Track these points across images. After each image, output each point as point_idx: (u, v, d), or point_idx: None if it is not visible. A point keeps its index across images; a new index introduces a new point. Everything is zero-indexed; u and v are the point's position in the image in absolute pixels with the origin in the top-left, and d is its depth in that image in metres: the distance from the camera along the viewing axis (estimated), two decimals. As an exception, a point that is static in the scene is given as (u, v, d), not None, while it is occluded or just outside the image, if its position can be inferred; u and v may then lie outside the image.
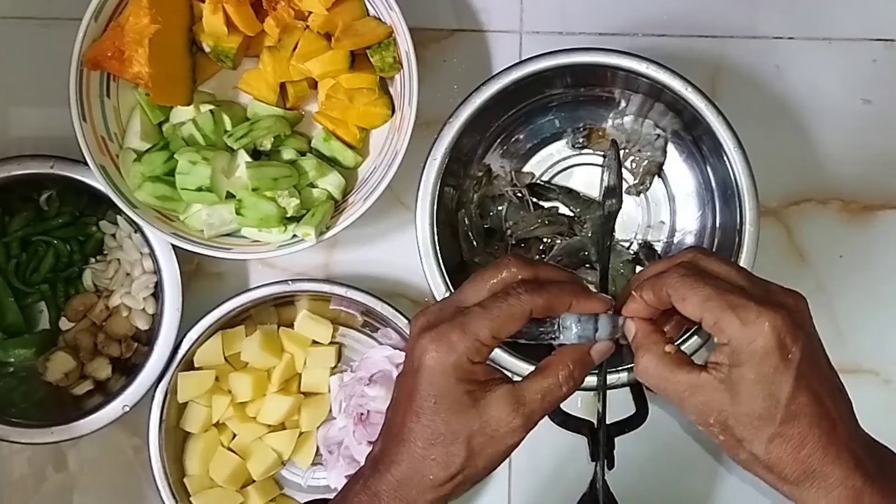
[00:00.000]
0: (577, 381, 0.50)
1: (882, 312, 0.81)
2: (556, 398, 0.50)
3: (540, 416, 0.49)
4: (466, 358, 0.47)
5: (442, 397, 0.47)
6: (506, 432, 0.48)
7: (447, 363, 0.47)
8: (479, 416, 0.47)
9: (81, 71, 0.72)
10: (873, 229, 0.81)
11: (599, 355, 0.52)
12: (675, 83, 0.69)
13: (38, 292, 0.81)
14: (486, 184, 0.78)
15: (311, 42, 0.74)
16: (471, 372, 0.48)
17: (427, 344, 0.48)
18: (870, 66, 0.81)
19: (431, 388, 0.47)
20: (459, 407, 0.47)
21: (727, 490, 0.82)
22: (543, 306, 0.49)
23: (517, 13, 0.82)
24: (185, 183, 0.72)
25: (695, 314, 0.49)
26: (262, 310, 0.81)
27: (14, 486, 0.83)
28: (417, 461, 0.48)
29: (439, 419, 0.47)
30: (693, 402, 0.49)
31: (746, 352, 0.47)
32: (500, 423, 0.48)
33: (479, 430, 0.47)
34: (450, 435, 0.47)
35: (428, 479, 0.48)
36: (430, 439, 0.48)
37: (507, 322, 0.48)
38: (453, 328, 0.48)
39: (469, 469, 0.48)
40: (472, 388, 0.48)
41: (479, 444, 0.48)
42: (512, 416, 0.48)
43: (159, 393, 0.76)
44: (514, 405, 0.48)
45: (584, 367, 0.51)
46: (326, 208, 0.74)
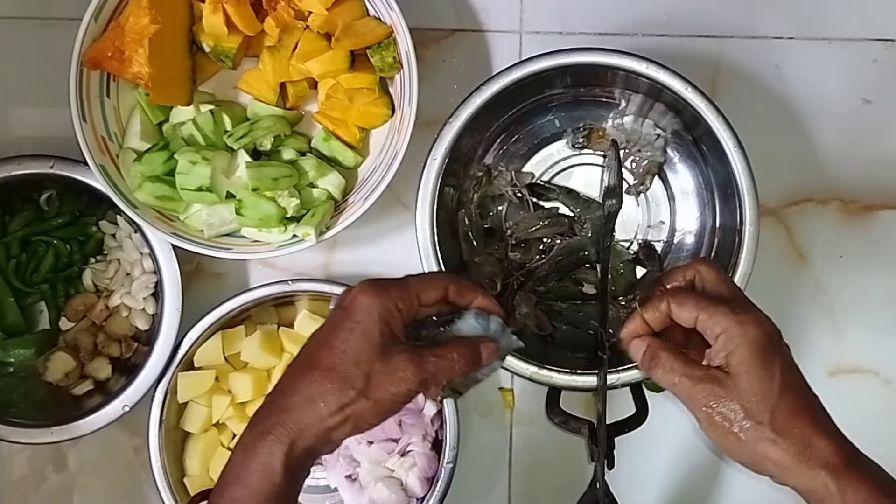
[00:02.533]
0: (461, 366, 0.55)
1: (882, 312, 0.81)
2: (444, 367, 0.54)
3: (429, 375, 0.53)
4: (393, 301, 0.53)
5: (360, 327, 0.52)
6: (400, 377, 0.52)
7: (376, 300, 0.53)
8: (384, 356, 0.52)
9: (81, 71, 0.72)
10: (873, 229, 0.81)
11: (486, 352, 0.57)
12: (675, 83, 0.69)
13: (38, 292, 0.81)
14: (486, 184, 0.78)
15: (311, 42, 0.74)
16: (391, 314, 0.53)
17: (364, 286, 0.54)
18: (870, 66, 0.81)
19: (355, 319, 0.52)
20: (372, 340, 0.52)
21: (727, 490, 0.82)
22: (456, 289, 0.58)
23: (517, 13, 0.82)
24: (185, 183, 0.72)
25: (691, 315, 0.56)
26: (262, 310, 0.81)
27: (14, 486, 0.83)
28: (315, 388, 0.51)
29: (352, 345, 0.52)
30: (696, 395, 0.55)
31: (738, 337, 0.54)
32: (397, 368, 0.52)
33: (381, 368, 0.51)
34: (355, 362, 0.51)
35: (319, 407, 0.51)
36: (334, 366, 0.51)
37: (431, 286, 0.56)
38: (389, 281, 0.55)
39: (360, 402, 0.51)
40: (386, 332, 0.52)
41: (376, 380, 0.51)
42: (410, 365, 0.52)
43: (159, 393, 0.76)
44: (413, 358, 0.53)
45: (470, 357, 0.56)
46: (326, 208, 0.74)
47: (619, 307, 0.77)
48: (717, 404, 0.54)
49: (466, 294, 0.59)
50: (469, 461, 0.80)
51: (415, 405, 0.77)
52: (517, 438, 0.82)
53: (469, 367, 0.56)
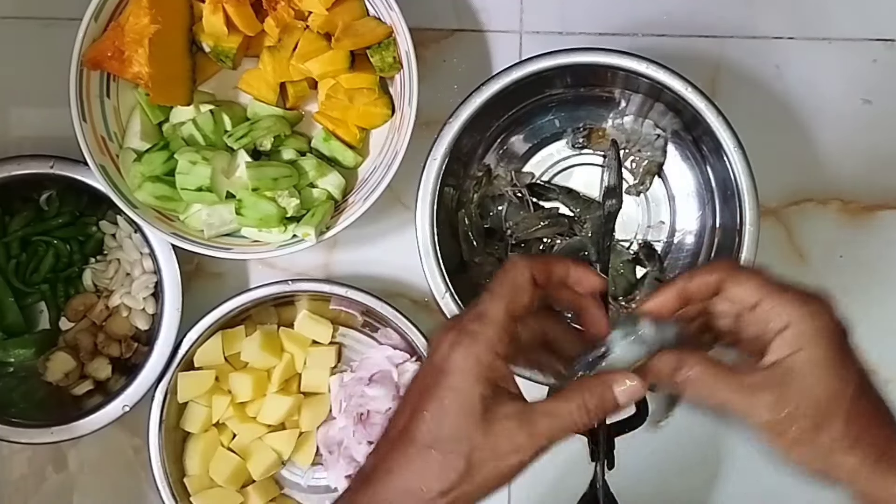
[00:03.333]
0: (590, 412, 0.47)
1: (882, 312, 0.81)
2: (566, 425, 0.46)
3: (546, 440, 0.46)
4: (489, 348, 0.45)
5: (456, 396, 0.45)
6: (508, 450, 0.45)
7: (472, 356, 0.45)
8: (485, 426, 0.45)
9: (81, 71, 0.72)
10: (873, 229, 0.81)
11: (624, 395, 0.47)
12: (675, 83, 0.69)
13: (38, 292, 0.81)
14: (486, 184, 0.78)
15: (311, 42, 0.74)
16: (492, 369, 0.45)
17: (453, 338, 0.46)
18: (870, 66, 0.81)
19: (450, 385, 0.45)
20: (470, 411, 0.45)
21: (727, 490, 0.82)
22: (541, 268, 0.48)
23: (517, 13, 0.82)
24: (185, 183, 0.72)
25: (751, 296, 0.48)
26: (262, 310, 0.81)
27: (14, 486, 0.83)
28: (412, 470, 0.45)
29: (447, 421, 0.45)
30: (757, 404, 0.47)
31: (810, 331, 0.47)
32: (504, 439, 0.45)
33: (483, 444, 0.45)
34: (453, 441, 0.45)
35: (419, 492, 0.45)
36: (431, 444, 0.45)
37: (514, 293, 0.47)
38: (469, 318, 0.46)
39: (465, 485, 0.45)
40: (488, 394, 0.45)
41: (479, 459, 0.45)
42: (517, 433, 0.45)
43: (159, 393, 0.76)
44: (522, 421, 0.45)
45: (601, 400, 0.47)
46: (326, 208, 0.74)
47: (619, 307, 0.77)
48: (783, 412, 0.46)
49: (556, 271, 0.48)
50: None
51: (415, 405, 0.77)
52: (517, 438, 0.82)
53: (599, 416, 0.47)
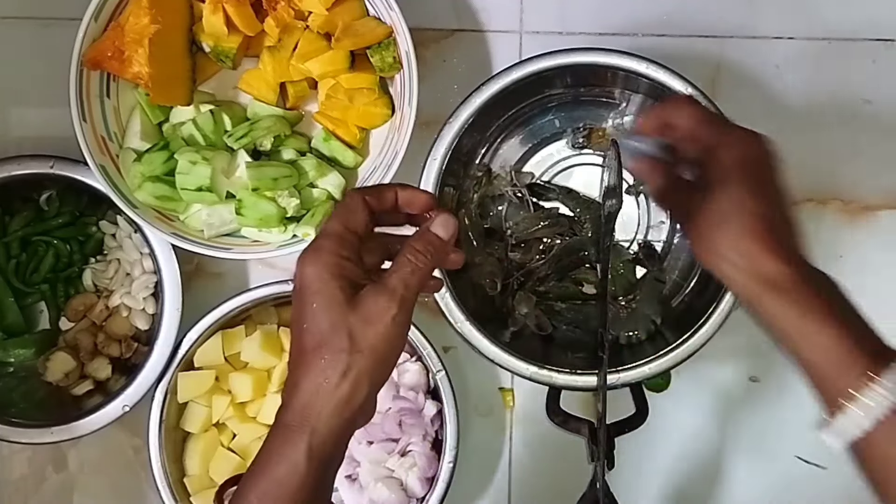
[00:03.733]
0: (423, 252, 0.52)
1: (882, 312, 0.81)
2: (411, 272, 0.52)
3: (403, 290, 0.51)
4: (333, 254, 0.51)
5: (319, 297, 0.50)
6: (377, 312, 0.50)
7: (318, 263, 0.51)
8: (353, 308, 0.50)
9: (81, 71, 0.72)
10: (873, 229, 0.81)
11: (441, 226, 0.54)
12: (676, 84, 0.69)
13: (38, 292, 0.81)
14: (486, 184, 0.78)
15: (311, 42, 0.74)
16: (341, 267, 0.51)
17: (301, 259, 0.51)
18: (870, 66, 0.81)
19: (311, 292, 0.50)
20: (336, 302, 0.50)
21: (727, 490, 0.82)
22: (372, 192, 0.54)
23: (517, 13, 0.82)
24: (185, 183, 0.72)
25: (688, 121, 0.57)
26: (262, 310, 0.81)
27: (14, 486, 0.83)
28: (313, 373, 0.50)
29: (322, 317, 0.50)
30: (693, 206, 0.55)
31: (736, 147, 0.55)
32: (369, 307, 0.50)
33: (356, 320, 0.49)
34: (332, 330, 0.49)
35: (324, 385, 0.49)
36: (318, 341, 0.50)
37: (348, 212, 0.53)
38: (317, 238, 0.52)
39: (356, 360, 0.49)
40: (345, 286, 0.50)
41: (358, 332, 0.49)
42: (377, 297, 0.50)
43: (159, 393, 0.76)
44: (378, 288, 0.50)
45: (425, 240, 0.53)
46: (326, 208, 0.74)
47: (620, 307, 0.77)
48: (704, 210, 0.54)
49: (386, 196, 0.55)
50: (469, 461, 0.80)
51: (415, 405, 0.77)
52: (517, 438, 0.83)
53: (434, 256, 0.53)
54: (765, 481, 0.81)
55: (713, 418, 0.81)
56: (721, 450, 0.82)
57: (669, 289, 0.78)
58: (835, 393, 0.49)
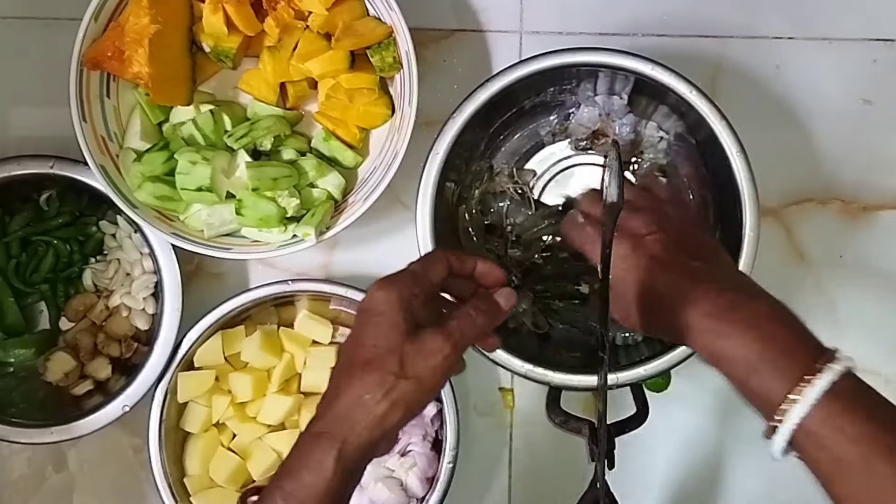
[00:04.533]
0: (485, 314, 0.56)
1: (882, 312, 0.81)
2: (469, 325, 0.55)
3: (459, 339, 0.54)
4: (407, 288, 0.54)
5: (385, 320, 0.53)
6: (432, 349, 0.53)
7: (391, 291, 0.53)
8: (411, 338, 0.53)
9: (81, 71, 0.72)
10: (873, 229, 0.81)
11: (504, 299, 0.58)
12: (679, 85, 0.69)
13: (38, 292, 0.81)
14: (487, 180, 0.78)
15: (311, 42, 0.74)
16: (409, 302, 0.54)
17: (376, 285, 0.54)
18: (870, 66, 0.81)
19: (377, 313, 0.53)
20: (398, 328, 0.53)
21: (727, 490, 0.82)
22: (455, 256, 0.58)
23: (517, 13, 0.82)
24: (185, 183, 0.72)
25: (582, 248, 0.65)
26: (262, 310, 0.81)
27: (14, 486, 0.83)
28: (357, 385, 0.52)
29: (381, 336, 0.53)
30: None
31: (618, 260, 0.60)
32: (428, 343, 0.53)
33: (410, 348, 0.52)
34: (386, 351, 0.52)
35: (366, 402, 0.51)
36: (370, 359, 0.52)
37: (431, 262, 0.57)
38: (397, 273, 0.56)
39: (400, 384, 0.52)
40: (409, 319, 0.53)
41: (409, 360, 0.52)
42: (436, 337, 0.53)
43: (159, 393, 0.76)
44: (438, 330, 0.54)
45: (489, 303, 0.57)
46: (326, 208, 0.74)
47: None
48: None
49: (467, 263, 0.59)
50: (469, 461, 0.80)
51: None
52: (517, 438, 0.82)
53: (492, 318, 0.57)
54: (765, 481, 0.81)
55: (713, 418, 0.81)
56: (721, 449, 0.82)
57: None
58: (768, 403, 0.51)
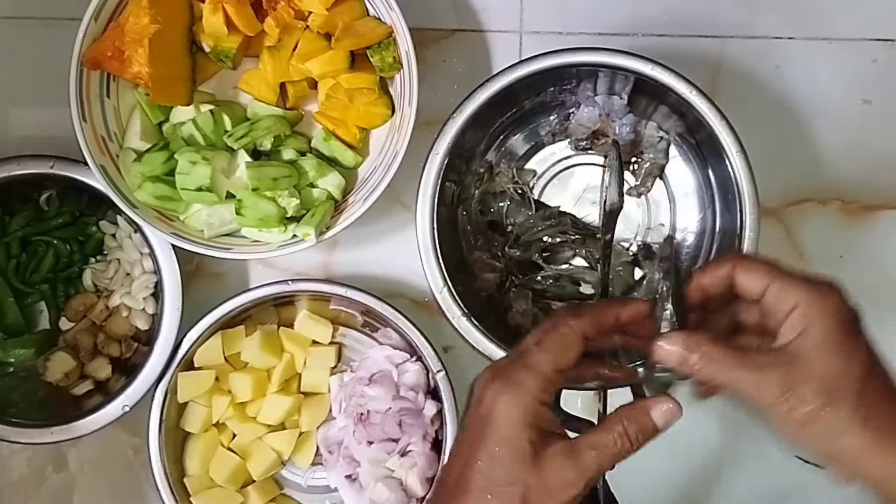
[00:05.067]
0: (631, 439, 0.49)
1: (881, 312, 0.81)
2: (610, 456, 0.48)
3: (594, 472, 0.48)
4: (534, 398, 0.48)
5: (506, 444, 0.47)
6: (560, 486, 0.47)
7: (517, 406, 0.47)
8: (536, 468, 0.47)
9: (81, 71, 0.72)
10: (873, 229, 0.81)
11: (661, 417, 0.50)
12: (679, 85, 0.69)
13: (38, 292, 0.81)
14: (487, 180, 0.78)
15: (311, 42, 0.74)
16: (538, 416, 0.48)
17: (498, 388, 0.48)
18: (870, 66, 0.81)
19: (498, 434, 0.47)
20: (521, 456, 0.47)
21: (727, 490, 0.82)
22: (591, 323, 0.50)
23: (517, 13, 0.82)
24: (185, 183, 0.72)
25: (760, 282, 0.49)
26: (262, 310, 0.81)
27: (14, 486, 0.83)
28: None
29: (500, 467, 0.47)
30: (766, 383, 0.47)
31: (818, 311, 0.47)
32: (555, 476, 0.47)
33: (535, 483, 0.47)
34: (507, 484, 0.47)
35: None
36: (488, 489, 0.47)
37: (563, 350, 0.49)
38: (517, 368, 0.48)
39: None
40: (535, 438, 0.47)
41: (533, 498, 0.47)
42: (566, 469, 0.47)
43: (159, 393, 0.76)
44: (569, 458, 0.47)
45: (639, 425, 0.50)
46: (326, 208, 0.74)
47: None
48: (791, 392, 0.46)
49: (606, 319, 0.51)
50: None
51: (415, 405, 0.77)
52: (517, 438, 0.82)
53: (641, 442, 0.50)
54: (765, 481, 0.81)
55: (713, 418, 0.81)
56: (721, 449, 0.82)
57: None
58: None
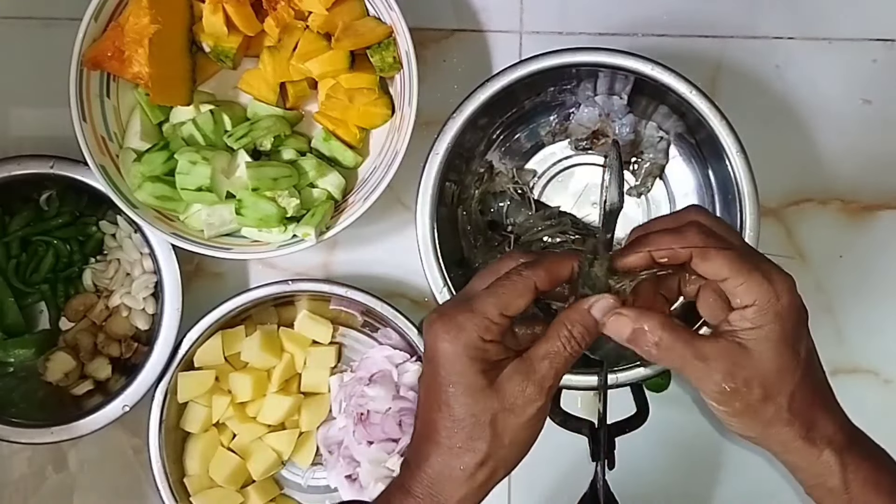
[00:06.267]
0: (577, 340, 0.49)
1: (881, 312, 0.81)
2: (562, 361, 0.49)
3: (552, 381, 0.49)
4: (477, 335, 0.48)
5: (458, 382, 0.48)
6: (523, 403, 0.48)
7: (458, 344, 0.48)
8: (495, 394, 0.48)
9: (81, 71, 0.72)
10: (873, 229, 0.81)
11: (600, 311, 0.50)
12: (679, 85, 0.69)
13: (38, 292, 0.81)
14: (487, 180, 0.78)
15: (311, 42, 0.74)
16: (483, 350, 0.48)
17: (438, 330, 0.48)
18: (870, 66, 0.81)
19: (448, 374, 0.48)
20: (476, 389, 0.48)
21: (727, 490, 0.82)
22: (545, 277, 0.50)
23: (517, 13, 0.82)
24: (185, 183, 0.72)
25: (718, 273, 0.49)
26: (262, 310, 0.81)
27: (14, 486, 0.83)
28: (445, 454, 0.48)
29: (458, 405, 0.48)
30: (711, 373, 0.49)
31: (773, 310, 0.48)
32: (515, 396, 0.48)
33: (499, 408, 0.48)
34: (471, 419, 0.48)
35: (458, 471, 0.48)
36: (454, 428, 0.48)
37: (512, 298, 0.49)
38: (461, 311, 0.49)
39: (497, 452, 0.48)
40: (486, 368, 0.48)
41: (501, 422, 0.48)
42: (524, 385, 0.48)
43: (159, 393, 0.76)
44: (525, 374, 0.48)
45: (582, 324, 0.50)
46: (326, 208, 0.74)
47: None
48: (733, 385, 0.48)
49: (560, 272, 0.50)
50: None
51: (414, 405, 0.77)
52: (517, 438, 0.82)
53: (587, 341, 0.50)
54: (765, 480, 0.81)
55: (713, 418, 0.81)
56: (721, 449, 0.82)
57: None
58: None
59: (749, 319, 0.48)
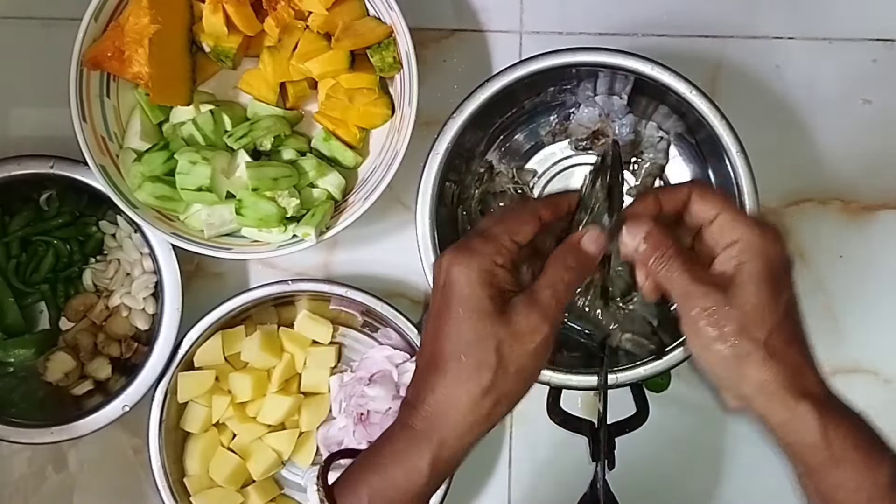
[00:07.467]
0: (575, 269, 0.52)
1: (881, 312, 0.81)
2: (563, 289, 0.51)
3: (554, 309, 0.50)
4: (489, 259, 0.49)
5: (468, 305, 0.48)
6: (529, 331, 0.49)
7: (472, 267, 0.49)
8: (502, 319, 0.48)
9: (81, 71, 0.72)
10: (873, 229, 0.81)
11: (591, 242, 0.53)
12: (679, 85, 0.69)
13: (38, 292, 0.81)
14: (487, 180, 0.78)
15: (311, 42, 0.74)
16: (493, 275, 0.49)
17: (451, 257, 0.50)
18: (870, 66, 0.81)
19: (459, 298, 0.49)
20: (485, 312, 0.48)
21: (727, 490, 0.82)
22: (547, 205, 0.53)
23: (517, 13, 0.82)
24: (185, 183, 0.72)
25: (712, 210, 0.51)
26: (262, 310, 0.81)
27: (14, 486, 0.83)
28: (451, 382, 0.48)
29: (467, 327, 0.48)
30: (699, 293, 0.50)
31: (758, 248, 0.50)
32: (520, 324, 0.49)
33: (505, 333, 0.48)
34: (478, 342, 0.48)
35: (463, 400, 0.48)
36: (461, 352, 0.48)
37: (519, 224, 0.52)
38: (473, 238, 0.51)
39: (502, 380, 0.48)
40: (495, 295, 0.49)
41: (507, 350, 0.48)
42: (531, 313, 0.49)
43: (159, 393, 0.76)
44: (529, 303, 0.49)
45: (575, 255, 0.52)
46: (326, 208, 0.74)
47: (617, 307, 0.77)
48: (712, 311, 0.49)
49: (561, 206, 0.53)
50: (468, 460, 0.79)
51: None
52: (517, 438, 0.83)
53: (584, 273, 0.52)
54: (765, 480, 0.81)
55: (713, 418, 0.81)
56: (721, 449, 0.82)
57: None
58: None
59: (735, 256, 0.50)
